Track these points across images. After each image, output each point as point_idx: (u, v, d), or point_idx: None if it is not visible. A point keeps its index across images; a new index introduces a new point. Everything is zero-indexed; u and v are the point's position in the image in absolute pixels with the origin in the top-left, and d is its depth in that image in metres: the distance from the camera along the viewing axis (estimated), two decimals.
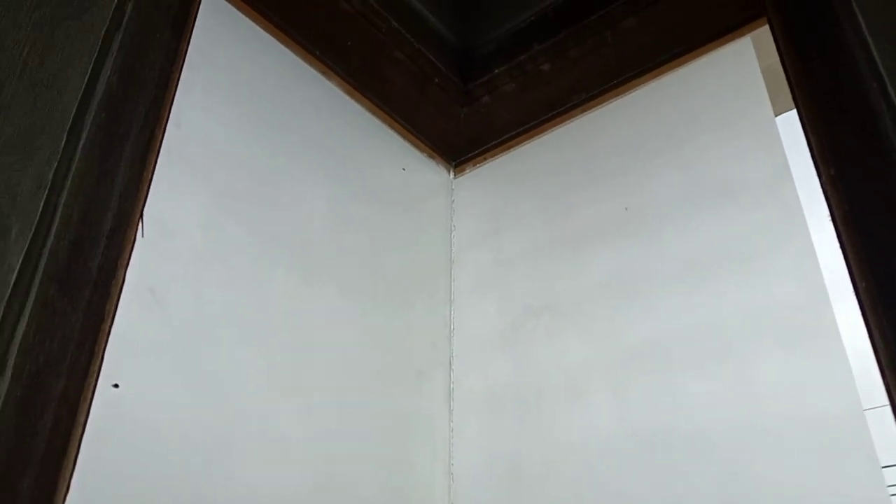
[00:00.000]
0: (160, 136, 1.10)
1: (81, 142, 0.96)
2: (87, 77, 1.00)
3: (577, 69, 1.74)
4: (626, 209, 1.60)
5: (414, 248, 1.79)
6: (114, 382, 1.08)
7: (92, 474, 1.01)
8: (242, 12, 1.54)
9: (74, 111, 0.97)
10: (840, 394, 1.18)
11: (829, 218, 1.18)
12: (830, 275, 1.31)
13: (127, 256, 0.99)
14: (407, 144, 1.90)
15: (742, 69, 1.55)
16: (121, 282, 0.97)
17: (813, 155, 1.23)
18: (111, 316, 0.95)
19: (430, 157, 1.97)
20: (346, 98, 1.74)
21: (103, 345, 0.93)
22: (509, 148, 1.93)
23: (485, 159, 1.98)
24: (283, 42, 1.61)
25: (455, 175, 2.04)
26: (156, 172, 1.24)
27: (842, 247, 1.13)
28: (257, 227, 1.40)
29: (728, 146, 1.50)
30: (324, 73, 1.69)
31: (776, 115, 1.51)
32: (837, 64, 1.23)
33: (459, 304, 1.82)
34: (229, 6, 1.52)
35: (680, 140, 1.58)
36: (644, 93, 1.70)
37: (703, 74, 1.62)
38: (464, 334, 1.77)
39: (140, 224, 1.04)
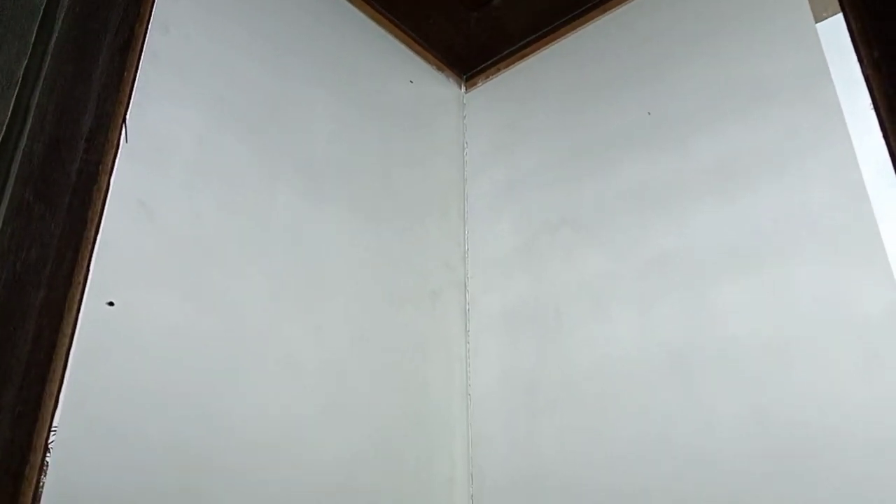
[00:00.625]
0: (142, 34, 1.01)
1: (53, 37, 0.88)
2: None
3: None
4: (650, 114, 1.50)
5: (425, 165, 1.71)
6: (108, 300, 1.03)
7: (89, 393, 0.96)
8: None
9: (44, 4, 0.89)
10: (880, 294, 1.10)
11: (872, 107, 1.08)
12: (873, 177, 1.22)
13: (110, 161, 0.92)
14: (415, 56, 1.79)
15: None
16: (104, 188, 0.90)
17: (853, 36, 1.12)
18: (95, 224, 0.88)
19: (440, 69, 1.87)
20: (349, 5, 1.64)
21: (88, 254, 0.86)
22: (523, 57, 1.82)
23: (498, 70, 1.88)
24: None
25: (466, 89, 1.94)
26: (144, 79, 1.17)
27: (885, 136, 1.03)
28: (257, 143, 1.32)
29: (761, 43, 1.39)
30: None
31: (817, 22, 1.39)
32: None
33: (473, 223, 1.74)
34: None
35: (708, 39, 1.47)
36: None
37: None
38: (478, 253, 1.70)
39: (123, 128, 0.96)
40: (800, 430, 1.11)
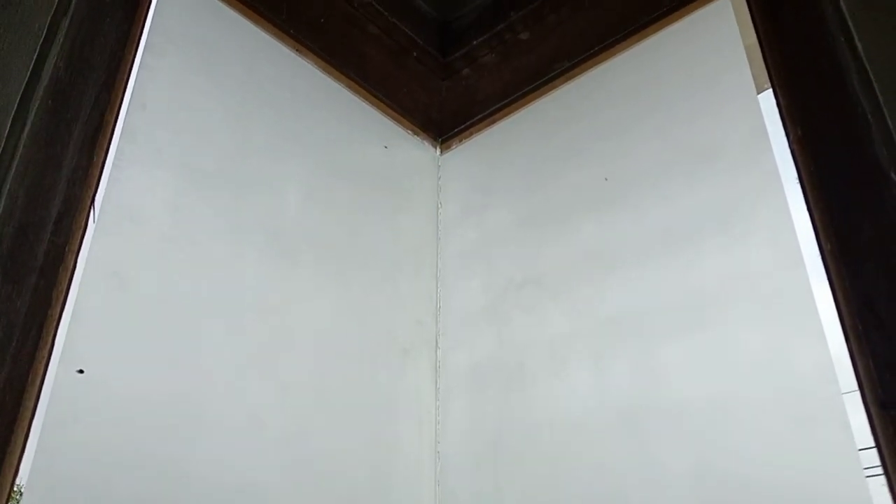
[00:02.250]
0: (112, 120, 1.10)
1: (27, 128, 0.96)
2: (31, 64, 1.00)
3: (556, 36, 1.70)
4: (607, 179, 1.58)
5: (399, 225, 1.78)
6: (78, 368, 1.09)
7: (57, 459, 1.02)
8: None
9: (19, 98, 0.97)
10: (814, 361, 1.16)
11: (797, 180, 1.15)
12: (808, 241, 1.28)
13: (77, 242, 0.99)
14: (389, 121, 1.88)
15: (721, 32, 1.51)
16: (71, 267, 0.98)
17: (781, 115, 1.19)
18: (60, 302, 0.95)
19: (415, 133, 1.95)
20: (323, 75, 1.73)
21: (53, 330, 0.93)
22: (494, 121, 1.91)
23: (470, 134, 1.96)
24: (253, 21, 1.60)
25: (442, 151, 2.02)
26: (121, 156, 1.25)
27: (808, 208, 1.10)
28: (229, 208, 1.40)
29: (706, 112, 1.47)
30: (297, 51, 1.67)
31: (759, 93, 1.47)
32: (805, 17, 1.20)
33: (446, 280, 1.81)
34: None
35: (658, 107, 1.55)
36: (624, 59, 1.66)
37: (682, 39, 1.58)
38: (450, 311, 1.76)
39: (92, 210, 1.04)
40: (739, 484, 1.16)
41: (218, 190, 1.40)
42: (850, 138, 1.07)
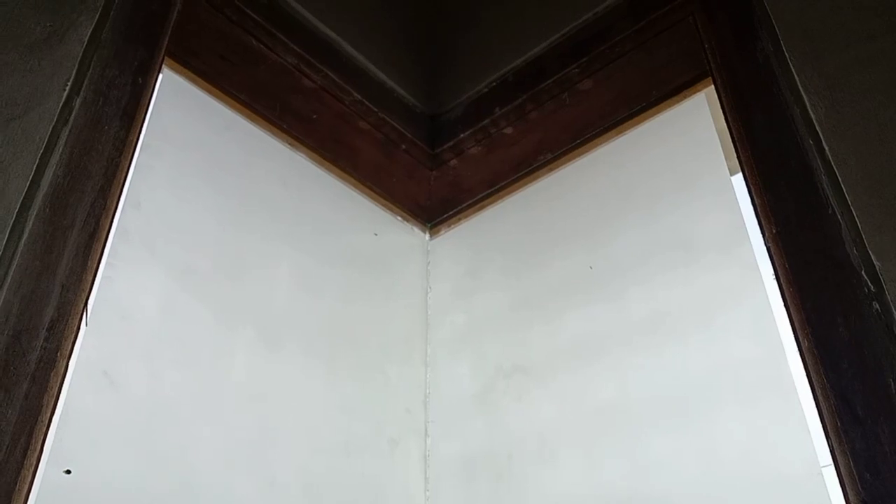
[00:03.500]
0: (107, 224, 1.13)
1: (24, 237, 0.99)
2: (31, 174, 1.03)
3: (539, 130, 1.77)
4: (591, 268, 1.61)
5: (387, 312, 1.80)
6: (66, 469, 1.09)
7: None
8: (205, 92, 1.59)
9: (17, 208, 1.00)
10: (798, 452, 1.17)
11: (773, 276, 1.19)
12: (789, 333, 1.31)
13: (69, 346, 1.01)
14: (379, 209, 1.92)
15: (698, 128, 1.57)
16: (62, 372, 0.99)
17: (757, 214, 1.24)
18: (51, 407, 0.96)
19: (405, 220, 1.99)
20: (315, 167, 1.78)
21: (42, 436, 0.94)
22: (482, 208, 1.95)
23: (458, 220, 2.00)
24: (248, 118, 1.66)
25: (431, 237, 2.06)
26: (114, 256, 1.28)
27: (785, 305, 1.13)
28: (218, 303, 1.42)
29: (685, 204, 1.52)
30: (291, 145, 1.73)
31: (733, 175, 1.52)
32: (776, 122, 1.25)
33: (435, 367, 1.82)
34: (192, 87, 1.57)
35: (639, 199, 1.60)
36: (605, 152, 1.72)
37: (660, 133, 1.64)
38: (439, 398, 1.77)
39: (85, 313, 1.06)
40: None
41: (209, 284, 1.42)
42: (822, 237, 1.11)
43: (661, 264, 1.50)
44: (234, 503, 1.28)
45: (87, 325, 1.09)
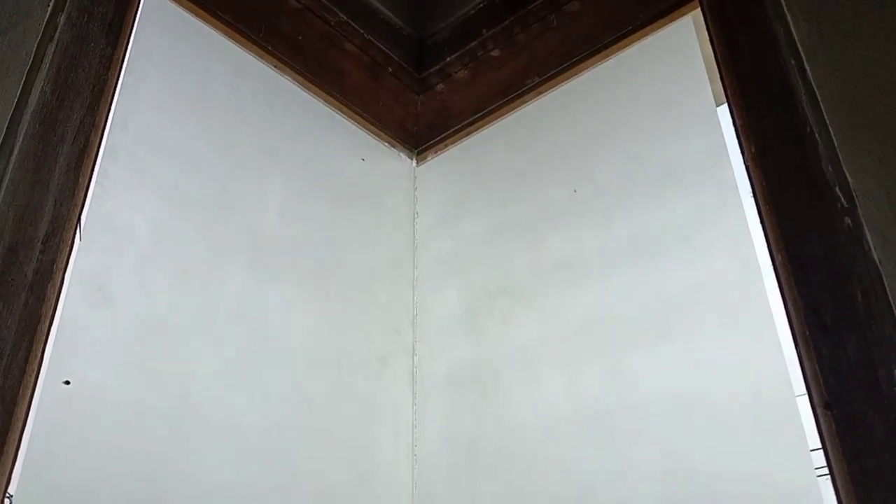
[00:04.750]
0: (97, 141, 1.14)
1: (14, 153, 1.00)
2: (19, 90, 1.04)
3: (526, 53, 1.77)
4: (576, 191, 1.64)
5: (375, 237, 1.83)
6: (65, 380, 1.13)
7: (45, 467, 1.06)
8: (190, 13, 1.57)
9: (7, 124, 1.01)
10: (770, 366, 1.22)
11: (751, 194, 1.22)
12: (765, 254, 1.35)
13: (64, 260, 1.03)
14: (366, 134, 1.93)
15: (684, 52, 1.58)
16: (59, 284, 1.01)
17: (738, 134, 1.26)
18: (49, 317, 0.99)
19: (392, 146, 2.00)
20: (301, 91, 1.77)
21: (42, 345, 0.97)
22: (468, 134, 1.96)
23: (445, 146, 2.01)
24: (233, 39, 1.64)
25: (418, 163, 2.07)
26: (104, 175, 1.29)
27: (761, 221, 1.17)
28: (209, 224, 1.44)
29: (670, 128, 1.54)
30: (277, 68, 1.72)
31: (719, 106, 1.54)
32: (760, 43, 1.26)
33: (422, 289, 1.86)
34: (176, 7, 1.55)
35: (625, 123, 1.62)
36: (591, 76, 1.72)
37: (646, 57, 1.64)
38: (426, 319, 1.81)
39: (78, 228, 1.08)
40: (702, 480, 1.23)
41: (199, 206, 1.44)
42: (799, 156, 1.13)
43: (643, 187, 1.53)
44: (229, 416, 1.33)
45: (80, 240, 1.11)
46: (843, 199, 1.06)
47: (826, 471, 1.05)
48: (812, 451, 1.16)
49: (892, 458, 0.92)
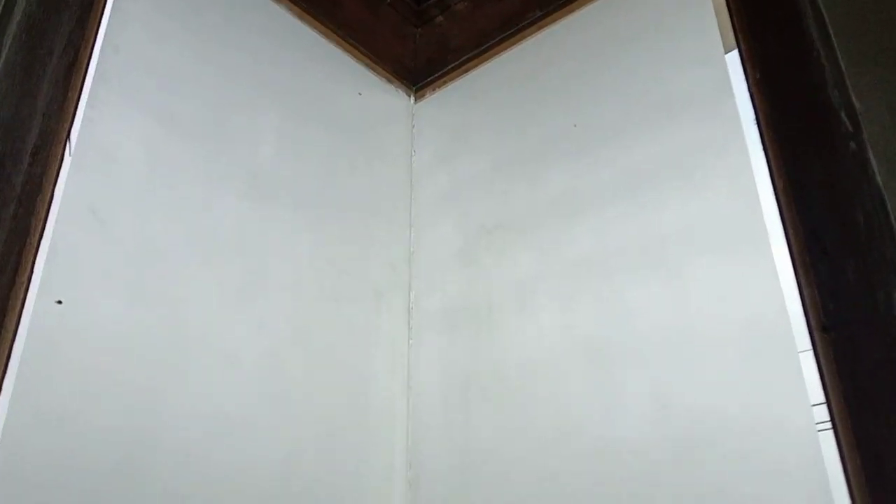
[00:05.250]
0: (86, 56, 1.11)
1: (1, 61, 0.98)
2: (4, 1, 1.01)
3: None
4: (575, 126, 1.61)
5: (372, 172, 1.81)
6: (57, 299, 1.12)
7: (37, 388, 1.06)
8: None
9: None
10: (766, 299, 1.22)
11: (755, 122, 1.20)
12: (766, 187, 1.33)
13: (54, 174, 1.01)
14: (363, 68, 1.89)
15: None
16: (48, 198, 1.00)
17: (742, 59, 1.23)
18: (39, 230, 0.97)
19: (389, 81, 1.97)
20: (298, 22, 1.74)
21: (32, 258, 0.96)
22: (467, 70, 1.93)
23: (444, 83, 1.98)
24: None
25: (416, 100, 2.04)
26: (94, 97, 1.26)
27: (763, 148, 1.15)
28: (203, 153, 1.42)
29: (673, 63, 1.51)
30: None
31: (727, 52, 1.50)
32: None
33: (419, 226, 1.85)
34: None
35: (626, 58, 1.59)
36: (593, 10, 1.69)
37: None
38: (423, 255, 1.80)
39: (68, 143, 1.06)
40: (695, 409, 1.23)
41: (193, 134, 1.42)
42: (805, 81, 1.11)
43: (644, 122, 1.50)
44: (224, 342, 1.33)
45: (70, 155, 1.09)
46: (847, 123, 1.04)
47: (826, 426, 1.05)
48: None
49: (888, 379, 0.91)
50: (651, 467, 1.24)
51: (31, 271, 0.96)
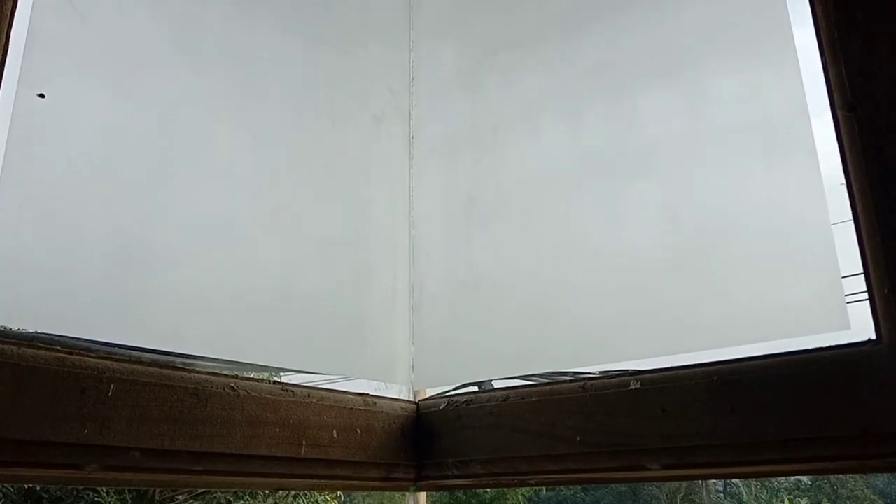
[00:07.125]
0: None
1: None
2: None
3: None
4: None
5: None
6: (39, 92, 1.06)
7: (22, 176, 1.02)
8: None
9: None
10: (785, 95, 1.16)
11: None
12: None
13: None
14: None
15: None
16: None
17: None
18: (9, 11, 0.91)
19: None
20: None
21: (4, 39, 0.90)
22: None
23: None
24: None
25: None
26: None
27: None
28: None
29: None
30: None
31: None
32: None
33: (419, 51, 1.76)
34: None
35: None
36: None
37: None
38: (423, 81, 1.72)
39: None
40: (708, 217, 1.20)
41: None
42: None
43: None
44: (217, 151, 1.28)
45: None
46: None
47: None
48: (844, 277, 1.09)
49: None
50: (659, 273, 1.22)
51: (5, 53, 0.90)
